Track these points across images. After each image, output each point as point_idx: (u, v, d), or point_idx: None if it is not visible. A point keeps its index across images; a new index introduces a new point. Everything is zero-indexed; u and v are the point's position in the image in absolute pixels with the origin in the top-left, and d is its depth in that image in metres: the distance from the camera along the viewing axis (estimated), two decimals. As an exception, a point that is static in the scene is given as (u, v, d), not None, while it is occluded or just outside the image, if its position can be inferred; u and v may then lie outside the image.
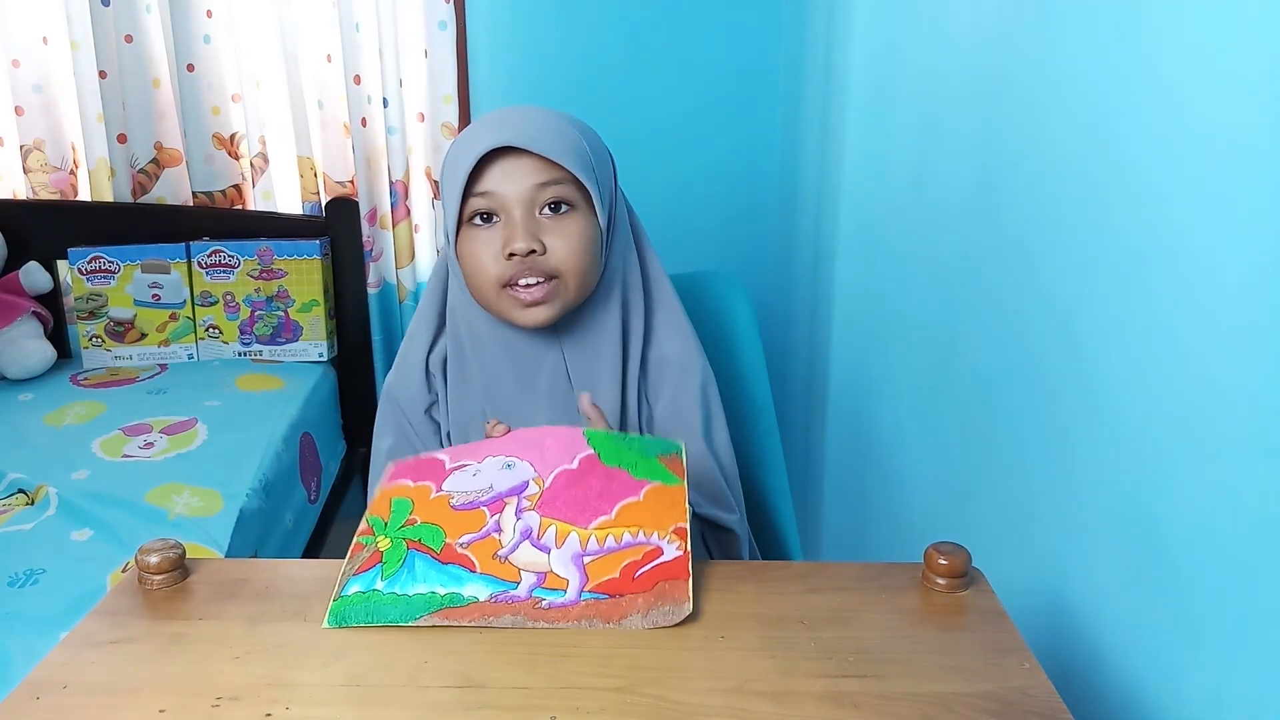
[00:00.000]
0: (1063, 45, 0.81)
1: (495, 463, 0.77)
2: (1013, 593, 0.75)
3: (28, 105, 2.06)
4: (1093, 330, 0.76)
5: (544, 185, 0.84)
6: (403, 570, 0.70)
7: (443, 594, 0.68)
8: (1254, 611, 0.58)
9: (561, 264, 0.85)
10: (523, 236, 0.84)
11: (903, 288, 1.25)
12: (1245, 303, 0.58)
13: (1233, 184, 0.59)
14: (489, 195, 0.85)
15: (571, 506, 0.73)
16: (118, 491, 1.45)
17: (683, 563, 0.69)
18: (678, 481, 0.75)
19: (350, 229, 2.12)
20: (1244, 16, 0.58)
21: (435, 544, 0.71)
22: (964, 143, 1.03)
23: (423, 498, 0.75)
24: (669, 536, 0.71)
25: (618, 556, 0.70)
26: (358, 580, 0.70)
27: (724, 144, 2.13)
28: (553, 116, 0.88)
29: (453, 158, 0.88)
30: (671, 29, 2.06)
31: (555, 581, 0.69)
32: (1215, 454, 0.61)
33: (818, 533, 1.76)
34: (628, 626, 0.66)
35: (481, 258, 0.86)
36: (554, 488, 0.74)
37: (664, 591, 0.68)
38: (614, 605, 0.67)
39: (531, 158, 0.84)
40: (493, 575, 0.69)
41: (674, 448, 0.78)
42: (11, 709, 0.59)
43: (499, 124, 0.86)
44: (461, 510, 0.74)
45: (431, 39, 2.03)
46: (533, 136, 0.84)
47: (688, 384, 0.93)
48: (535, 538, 0.71)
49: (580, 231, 0.86)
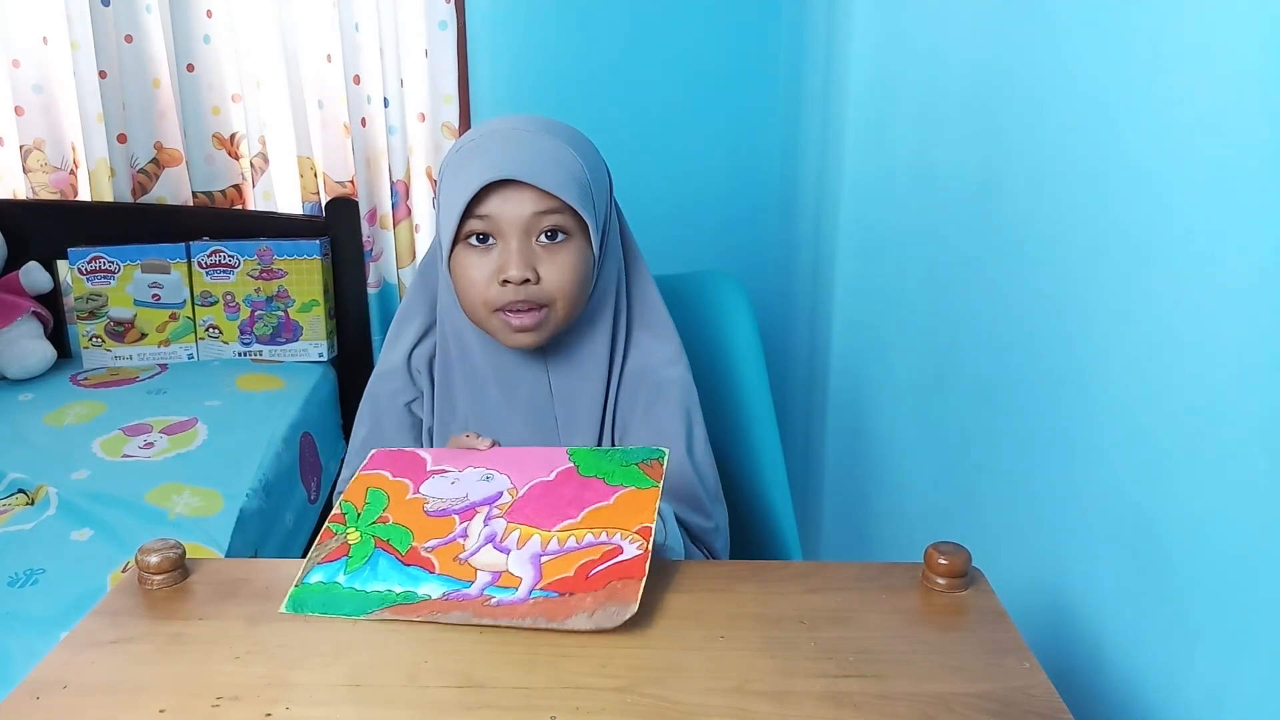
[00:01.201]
0: (1063, 44, 0.81)
1: (475, 474, 0.78)
2: (1013, 593, 0.75)
3: (28, 105, 2.06)
4: (1093, 329, 0.76)
5: (542, 214, 0.84)
6: (365, 567, 0.72)
7: (398, 592, 0.70)
8: (1254, 611, 0.58)
9: (554, 293, 0.86)
10: (518, 264, 0.84)
11: (903, 287, 1.25)
12: (1246, 301, 0.58)
13: (1233, 182, 0.59)
14: (487, 219, 0.84)
15: (539, 513, 0.74)
16: (118, 491, 1.45)
17: (639, 562, 0.68)
18: (652, 484, 0.75)
19: (350, 229, 2.12)
20: (1244, 15, 0.58)
21: (401, 546, 0.73)
22: (964, 142, 1.03)
23: (399, 496, 0.77)
24: (631, 536, 0.70)
25: (575, 556, 0.70)
26: (321, 570, 0.72)
27: (724, 143, 2.13)
28: (552, 141, 0.86)
29: (451, 176, 0.87)
30: (672, 28, 2.06)
31: (508, 580, 0.69)
32: (1215, 454, 0.61)
33: (818, 533, 1.76)
34: (572, 626, 0.65)
35: (475, 278, 0.86)
36: (526, 497, 0.76)
37: (615, 591, 0.66)
38: (561, 604, 0.67)
39: (531, 187, 0.84)
40: (450, 575, 0.71)
41: (656, 454, 0.78)
42: (11, 709, 0.59)
43: (501, 150, 0.85)
44: (434, 517, 0.75)
45: (431, 39, 2.03)
46: (534, 168, 0.83)
47: (668, 401, 0.93)
48: (498, 541, 0.72)
49: (574, 261, 0.86)
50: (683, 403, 0.93)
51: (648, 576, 0.67)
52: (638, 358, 0.95)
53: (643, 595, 0.66)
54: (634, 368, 0.94)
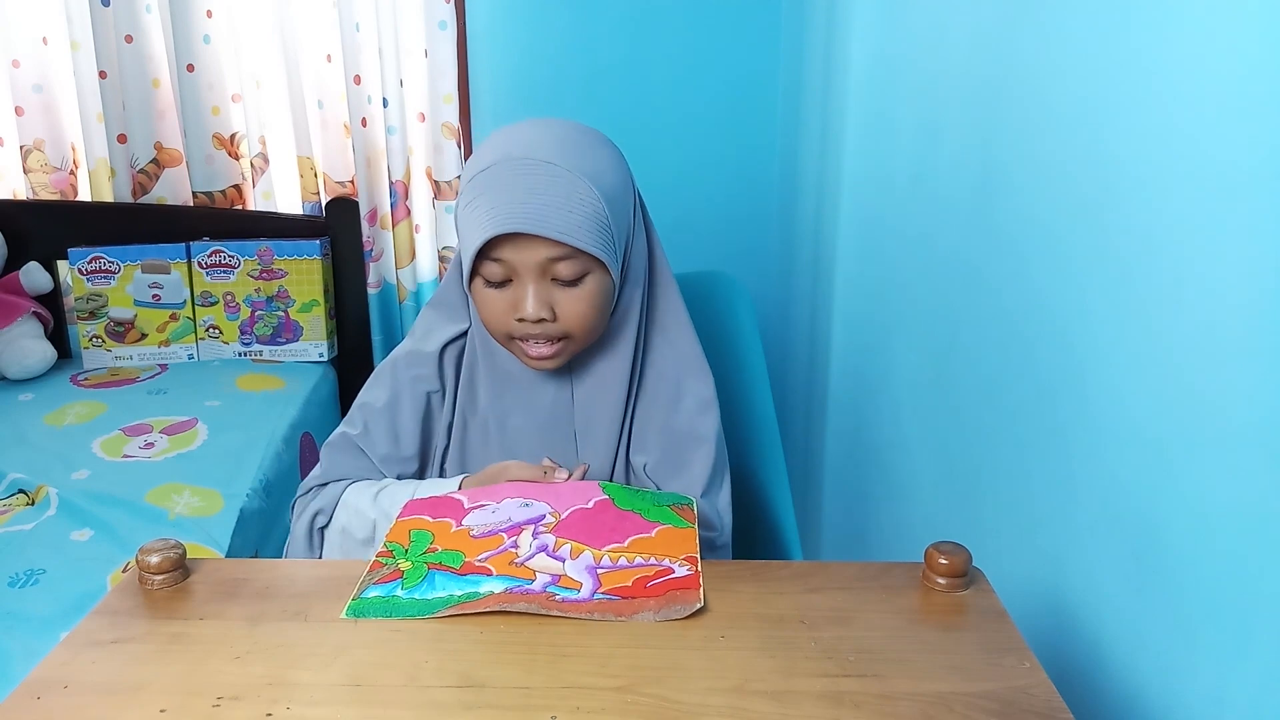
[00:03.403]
0: (1061, 48, 0.81)
1: (513, 503, 0.80)
2: (1013, 593, 0.75)
3: (28, 105, 2.06)
4: (1092, 329, 0.76)
5: (556, 260, 0.82)
6: (423, 584, 0.72)
7: (460, 594, 0.70)
8: (1254, 611, 0.58)
9: (571, 328, 0.86)
10: (534, 304, 0.83)
11: (903, 287, 1.25)
12: (1244, 302, 0.58)
13: (1228, 184, 0.59)
14: (502, 263, 0.83)
15: (585, 533, 0.76)
16: (118, 491, 1.45)
17: (694, 579, 0.71)
18: (689, 525, 0.79)
19: (350, 229, 2.12)
20: (1241, 21, 0.58)
21: (455, 564, 0.74)
22: (963, 143, 1.03)
23: (443, 531, 0.78)
24: (680, 561, 0.73)
25: (630, 572, 0.72)
26: (378, 589, 0.72)
27: (724, 144, 2.13)
28: (567, 177, 0.81)
29: (466, 209, 0.83)
30: (672, 29, 2.06)
31: (569, 583, 0.71)
32: (1215, 453, 0.61)
33: (818, 533, 1.76)
34: (639, 619, 0.66)
35: (494, 311, 0.86)
36: (568, 520, 0.78)
37: (675, 597, 0.69)
38: (625, 604, 0.69)
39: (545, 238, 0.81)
40: (509, 575, 0.72)
41: (685, 500, 0.83)
42: (12, 709, 0.59)
43: (510, 193, 0.81)
44: (480, 538, 0.77)
45: (431, 39, 2.03)
46: (545, 217, 0.80)
47: (702, 463, 0.93)
48: (551, 550, 0.74)
49: (593, 295, 0.85)
50: (714, 462, 0.93)
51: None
52: (656, 364, 0.94)
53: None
54: (653, 375, 0.94)
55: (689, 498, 0.84)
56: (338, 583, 0.72)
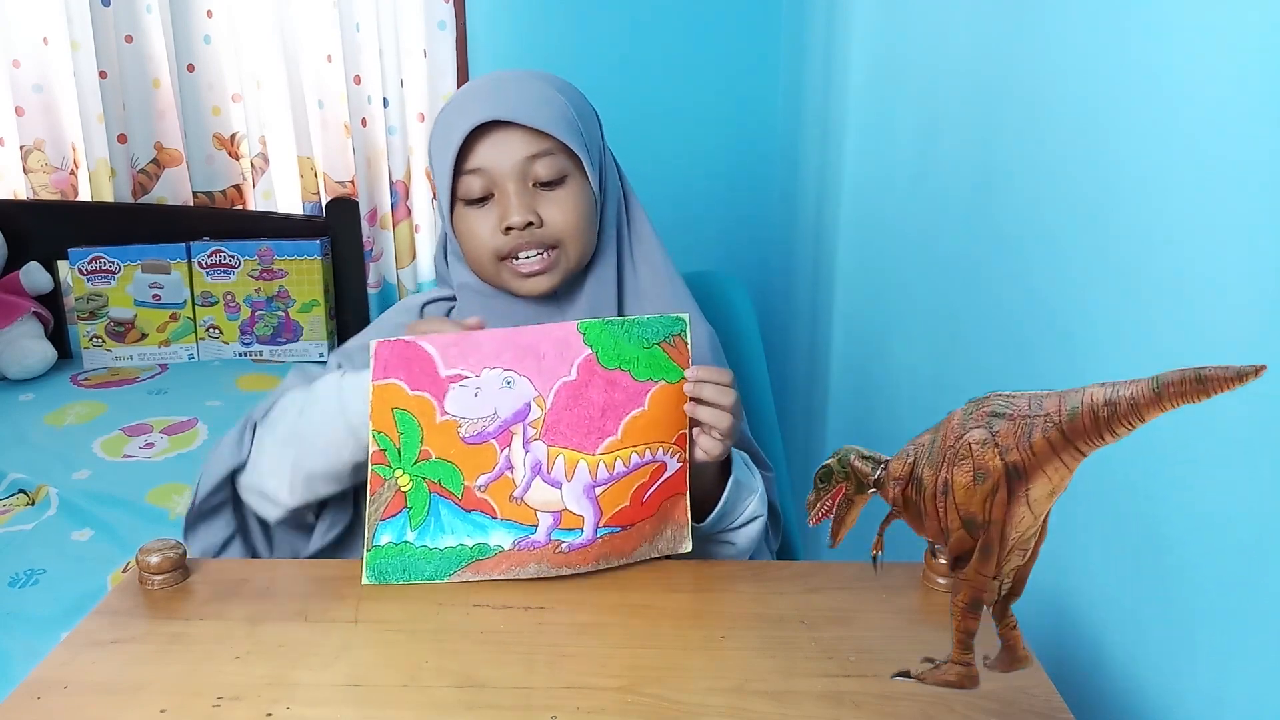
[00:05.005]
0: (1061, 48, 0.81)
1: (494, 379, 0.73)
2: (1013, 592, 0.74)
3: (28, 105, 2.06)
4: (1092, 328, 0.76)
5: (535, 157, 0.84)
6: (429, 519, 0.73)
7: (470, 545, 0.72)
8: (1254, 611, 0.58)
9: (560, 233, 0.85)
10: (519, 210, 0.83)
11: (903, 287, 1.25)
12: (1243, 301, 0.58)
13: (1229, 184, 0.59)
14: (481, 172, 0.84)
15: (576, 430, 0.73)
16: (118, 491, 1.45)
17: (681, 475, 0.76)
18: (679, 375, 0.74)
19: (350, 229, 2.12)
20: (1241, 21, 0.58)
21: (455, 487, 0.74)
22: (963, 143, 1.03)
23: (428, 419, 0.73)
24: (670, 449, 0.74)
25: (626, 482, 0.73)
26: (387, 528, 0.73)
27: (724, 144, 2.13)
28: (536, 83, 0.86)
29: (440, 133, 0.87)
30: (671, 29, 2.06)
31: (571, 520, 0.72)
32: (1215, 454, 0.61)
33: (818, 532, 1.76)
34: (639, 557, 0.75)
35: (479, 234, 0.86)
36: (556, 408, 0.73)
37: (666, 512, 0.74)
38: (625, 538, 0.73)
39: (520, 129, 0.83)
40: (513, 520, 0.73)
41: (677, 327, 0.74)
42: (12, 709, 0.59)
43: (484, 96, 0.85)
44: (472, 444, 0.73)
45: (431, 39, 2.03)
46: (520, 108, 0.83)
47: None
48: (545, 472, 0.73)
49: (576, 199, 0.86)
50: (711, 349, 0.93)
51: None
52: (639, 287, 0.93)
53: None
54: (633, 298, 0.93)
55: (680, 320, 0.74)
56: (338, 583, 0.73)
